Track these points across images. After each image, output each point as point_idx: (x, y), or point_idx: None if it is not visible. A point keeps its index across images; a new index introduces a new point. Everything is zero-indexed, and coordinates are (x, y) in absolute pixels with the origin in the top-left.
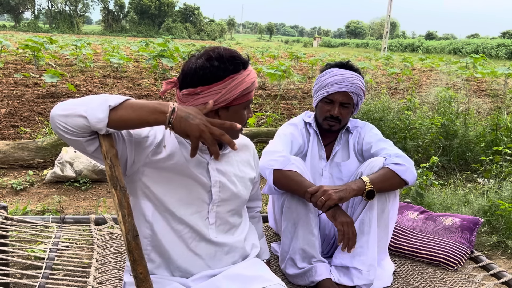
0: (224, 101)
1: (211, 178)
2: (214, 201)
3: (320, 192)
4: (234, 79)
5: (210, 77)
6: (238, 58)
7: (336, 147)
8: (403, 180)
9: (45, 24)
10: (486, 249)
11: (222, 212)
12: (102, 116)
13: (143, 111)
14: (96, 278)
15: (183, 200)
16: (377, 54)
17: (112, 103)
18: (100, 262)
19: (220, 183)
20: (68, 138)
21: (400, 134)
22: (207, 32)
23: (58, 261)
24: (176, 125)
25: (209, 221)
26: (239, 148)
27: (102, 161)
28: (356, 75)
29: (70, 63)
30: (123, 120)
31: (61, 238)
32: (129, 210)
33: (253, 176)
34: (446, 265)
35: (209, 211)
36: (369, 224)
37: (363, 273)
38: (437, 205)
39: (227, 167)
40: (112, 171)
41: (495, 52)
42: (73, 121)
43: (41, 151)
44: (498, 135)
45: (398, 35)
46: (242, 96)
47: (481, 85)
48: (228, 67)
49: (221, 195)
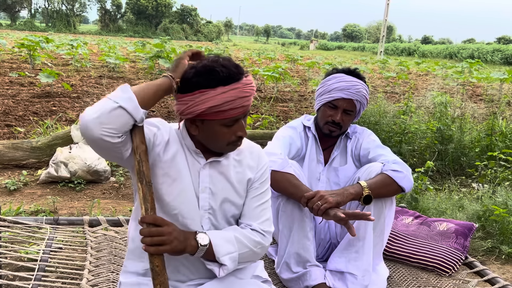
0: (190, 113)
1: (199, 183)
2: (203, 207)
3: (316, 197)
4: (203, 93)
5: (184, 87)
6: (219, 73)
7: (335, 152)
8: (400, 187)
9: (42, 23)
10: (480, 254)
11: (217, 220)
12: (129, 96)
13: (149, 83)
14: (90, 280)
15: (182, 203)
16: (374, 58)
17: (124, 91)
18: (94, 264)
19: (210, 190)
20: (109, 143)
21: (395, 138)
22: (204, 34)
23: (51, 263)
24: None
25: (203, 228)
26: (242, 153)
27: (133, 166)
28: (363, 84)
29: (66, 62)
30: (143, 94)
31: (55, 239)
32: (152, 204)
33: (248, 178)
34: (441, 271)
35: (202, 217)
36: (364, 229)
37: (358, 278)
38: (431, 210)
39: (223, 174)
40: (140, 165)
41: (491, 57)
42: (112, 116)
43: (35, 151)
44: (493, 140)
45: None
46: (214, 113)
47: (476, 90)
48: (201, 81)
49: (211, 202)
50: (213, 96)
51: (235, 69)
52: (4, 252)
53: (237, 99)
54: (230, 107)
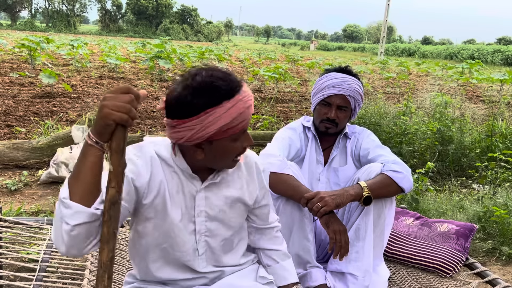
0: (199, 138)
1: (195, 208)
2: (199, 231)
3: (316, 198)
4: (210, 114)
5: (185, 111)
6: (220, 87)
7: (334, 152)
8: (400, 187)
9: (42, 23)
10: (481, 255)
11: (214, 241)
12: (76, 210)
13: (79, 162)
14: (91, 280)
15: (171, 237)
16: (374, 58)
17: (61, 195)
18: (95, 265)
19: (206, 213)
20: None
21: (396, 139)
22: (204, 34)
23: (52, 263)
24: (97, 134)
25: (199, 252)
26: (239, 168)
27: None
28: (354, 79)
29: (66, 63)
30: (84, 185)
31: None
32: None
33: (252, 202)
34: (441, 272)
35: (198, 241)
36: (365, 230)
37: (359, 279)
38: (432, 211)
39: (219, 194)
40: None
41: (491, 58)
42: (77, 237)
43: (36, 152)
44: (493, 141)
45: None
46: (224, 131)
47: (476, 90)
48: (205, 100)
49: (208, 224)
50: (222, 113)
51: (233, 79)
52: (5, 252)
53: (244, 110)
54: (239, 120)
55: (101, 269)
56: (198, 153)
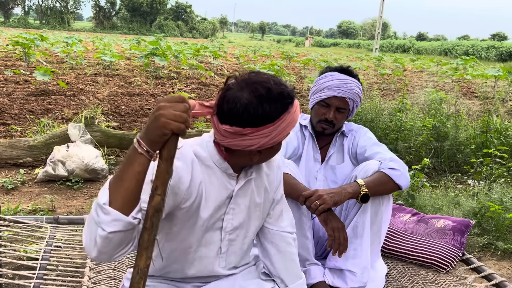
0: (271, 143)
1: (228, 205)
2: (225, 229)
3: (315, 197)
4: (283, 120)
5: (261, 119)
6: (287, 92)
7: (331, 150)
8: (397, 184)
9: (35, 20)
10: (476, 250)
11: (237, 239)
12: (114, 218)
13: (124, 169)
14: (91, 278)
15: (198, 240)
16: (369, 55)
17: (100, 200)
18: (95, 262)
19: (235, 210)
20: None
21: (391, 136)
22: (199, 31)
23: (52, 262)
24: (149, 143)
25: (221, 250)
26: (265, 168)
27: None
28: (355, 81)
29: (61, 60)
30: (125, 192)
31: (55, 238)
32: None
33: (272, 198)
34: (438, 267)
35: (222, 239)
36: (362, 227)
37: (357, 276)
38: (428, 207)
39: (249, 192)
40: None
41: (485, 54)
42: (109, 243)
43: (32, 150)
44: (488, 137)
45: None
46: (287, 134)
47: (471, 86)
48: (278, 108)
49: (233, 222)
50: (292, 118)
51: (286, 83)
52: (4, 251)
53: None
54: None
55: (137, 275)
56: (255, 156)
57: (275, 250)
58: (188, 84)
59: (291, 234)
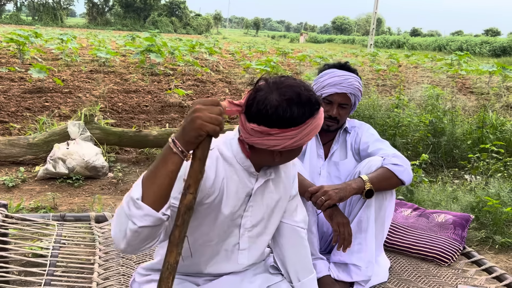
0: (295, 146)
1: (247, 203)
2: (244, 225)
3: (320, 192)
4: (309, 124)
5: (289, 121)
6: (314, 98)
7: (334, 146)
8: (400, 180)
9: (28, 16)
10: (475, 244)
11: (255, 235)
12: (146, 213)
13: (158, 166)
14: (100, 274)
15: (218, 235)
16: (364, 51)
17: (134, 194)
18: (103, 259)
19: (254, 208)
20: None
21: (389, 132)
22: (193, 27)
23: (61, 258)
24: (184, 144)
25: (240, 246)
26: (282, 166)
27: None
28: (354, 76)
29: (55, 57)
30: (158, 189)
31: (62, 235)
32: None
33: (289, 195)
34: (440, 261)
35: (241, 236)
36: (367, 222)
37: (362, 269)
38: (427, 202)
39: (269, 190)
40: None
41: (479, 50)
42: (138, 237)
43: (32, 148)
44: (484, 132)
45: (383, 32)
46: (311, 138)
47: (465, 82)
48: (306, 112)
49: (252, 220)
50: (317, 123)
51: (313, 90)
52: (14, 248)
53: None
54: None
55: (167, 271)
56: (277, 156)
57: (288, 243)
58: (185, 81)
59: (303, 229)
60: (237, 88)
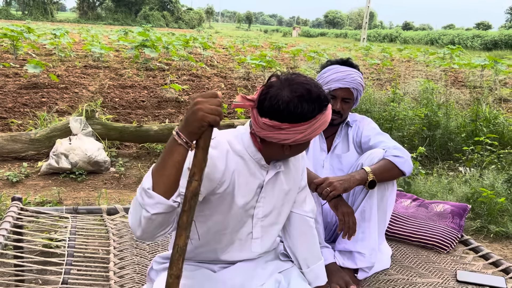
0: (304, 140)
1: (260, 194)
2: (257, 215)
3: (325, 184)
4: (318, 119)
5: (299, 117)
6: (323, 95)
7: (337, 140)
8: (401, 171)
9: (18, 11)
10: (470, 233)
11: (268, 225)
12: (157, 201)
13: (165, 158)
14: (116, 264)
15: (230, 225)
16: (357, 45)
17: (145, 185)
18: (118, 249)
19: (266, 199)
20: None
21: (386, 125)
22: (185, 21)
23: (77, 248)
24: (188, 135)
25: (253, 235)
26: (292, 159)
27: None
28: (357, 72)
29: (49, 52)
30: (167, 179)
31: (77, 227)
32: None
33: (298, 186)
34: (439, 248)
35: (254, 226)
36: (369, 211)
37: (366, 256)
38: (424, 193)
39: (280, 182)
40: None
41: (471, 43)
42: (152, 224)
43: (34, 143)
44: (477, 125)
45: (376, 26)
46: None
47: (458, 76)
48: (316, 108)
49: (265, 210)
50: (325, 119)
51: (322, 87)
52: (31, 239)
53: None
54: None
55: (177, 253)
56: (286, 150)
57: (298, 232)
58: (180, 76)
59: (312, 218)
60: (232, 83)
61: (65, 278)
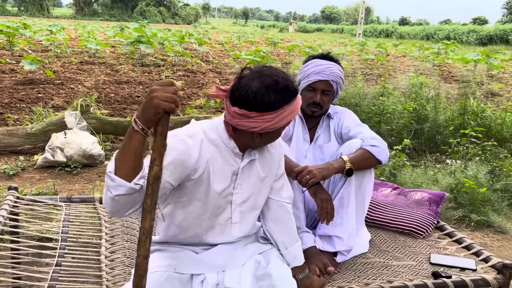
0: (272, 128)
1: (236, 181)
2: (235, 201)
3: (305, 172)
4: (285, 110)
5: (266, 106)
6: (292, 87)
7: (319, 131)
8: (378, 159)
9: (14, 7)
10: (452, 222)
11: (246, 210)
12: (118, 184)
13: (125, 144)
14: (108, 248)
15: (210, 210)
16: (353, 40)
17: (108, 168)
18: (109, 235)
19: (243, 186)
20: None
21: (375, 119)
22: (181, 16)
23: (71, 234)
24: (144, 121)
25: (232, 220)
26: (269, 147)
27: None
28: (336, 65)
29: (45, 48)
30: (127, 163)
31: (70, 215)
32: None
33: (275, 173)
34: (416, 233)
35: (233, 211)
36: (348, 198)
37: (344, 240)
38: (408, 184)
39: (255, 169)
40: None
41: (466, 38)
42: (117, 203)
43: (30, 137)
44: (465, 119)
45: (372, 21)
46: (288, 122)
47: (451, 70)
48: (282, 99)
49: (243, 196)
50: (293, 109)
51: (294, 81)
52: (27, 226)
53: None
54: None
55: (143, 235)
56: (256, 138)
57: (276, 217)
58: (175, 71)
59: (289, 204)
60: (227, 78)
61: (58, 261)
